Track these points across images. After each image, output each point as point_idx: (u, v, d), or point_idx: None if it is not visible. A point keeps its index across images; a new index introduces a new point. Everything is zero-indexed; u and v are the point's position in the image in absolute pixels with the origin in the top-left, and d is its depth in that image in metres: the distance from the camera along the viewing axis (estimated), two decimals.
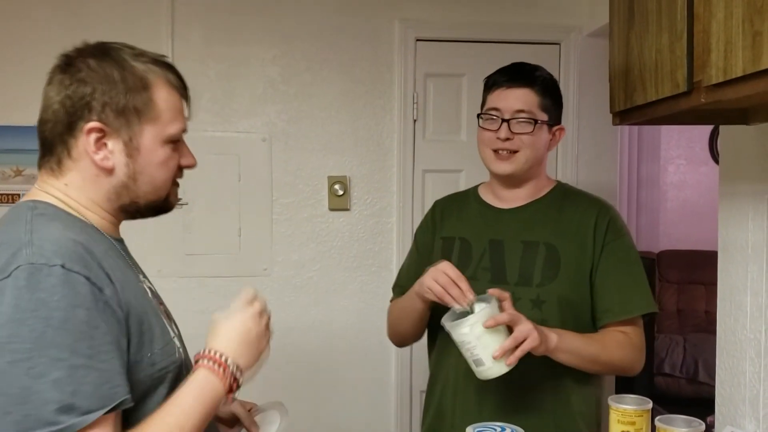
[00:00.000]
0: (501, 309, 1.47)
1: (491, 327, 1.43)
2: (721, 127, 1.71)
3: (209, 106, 2.63)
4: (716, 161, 5.52)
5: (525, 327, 1.44)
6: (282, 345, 2.68)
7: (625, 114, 1.48)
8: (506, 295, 1.49)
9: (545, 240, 1.69)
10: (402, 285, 1.87)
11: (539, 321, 1.63)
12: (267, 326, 1.20)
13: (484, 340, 1.44)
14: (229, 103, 2.64)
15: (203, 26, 2.62)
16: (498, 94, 1.68)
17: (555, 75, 2.66)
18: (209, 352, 1.10)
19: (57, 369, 0.92)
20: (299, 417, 2.64)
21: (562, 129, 1.74)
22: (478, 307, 1.47)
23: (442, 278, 1.52)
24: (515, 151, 1.65)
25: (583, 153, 2.77)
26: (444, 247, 1.80)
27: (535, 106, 1.66)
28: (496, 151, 1.67)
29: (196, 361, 1.11)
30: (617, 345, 1.64)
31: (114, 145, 1.09)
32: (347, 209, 2.71)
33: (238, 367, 1.11)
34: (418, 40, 2.69)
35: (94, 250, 1.03)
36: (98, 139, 1.08)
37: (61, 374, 0.92)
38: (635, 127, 5.53)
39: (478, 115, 1.72)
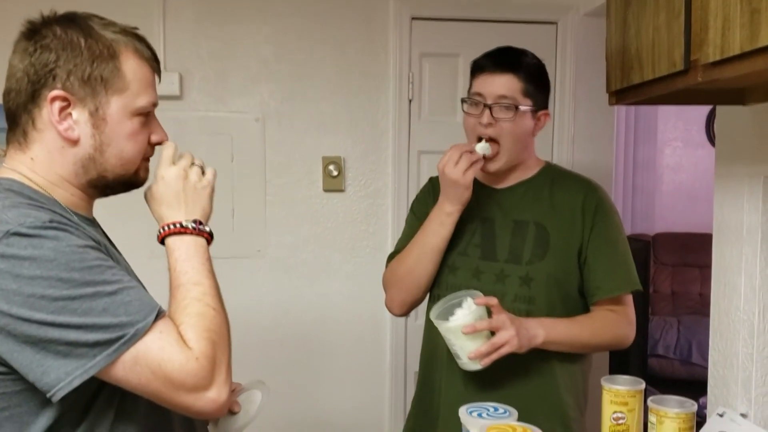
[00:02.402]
0: (489, 312, 1.53)
1: (469, 333, 1.50)
2: (718, 108, 1.70)
3: (201, 86, 2.61)
4: (713, 144, 5.51)
5: (506, 335, 1.50)
6: (276, 326, 2.70)
7: (622, 93, 1.47)
8: (494, 301, 1.53)
9: (535, 219, 1.71)
10: (399, 252, 1.87)
11: (527, 298, 1.66)
12: (203, 175, 1.20)
13: (463, 340, 1.52)
14: (221, 83, 2.62)
15: (195, 5, 2.59)
16: (482, 78, 1.69)
17: (551, 55, 2.70)
18: (164, 224, 1.14)
19: (99, 300, 0.97)
20: (293, 398, 2.67)
21: (547, 114, 1.75)
22: (465, 306, 1.54)
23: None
24: (497, 142, 1.67)
25: (580, 134, 2.75)
26: None
27: (518, 92, 1.67)
28: (480, 139, 1.68)
29: (161, 241, 1.14)
30: (607, 326, 1.69)
31: (79, 115, 1.07)
32: (342, 190, 2.69)
33: (197, 221, 1.15)
34: (413, 18, 2.66)
35: (66, 217, 1.05)
36: (62, 109, 1.06)
37: (106, 302, 0.97)
38: (632, 110, 5.51)
39: (463, 100, 1.74)
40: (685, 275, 5.28)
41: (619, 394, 1.30)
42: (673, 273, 5.32)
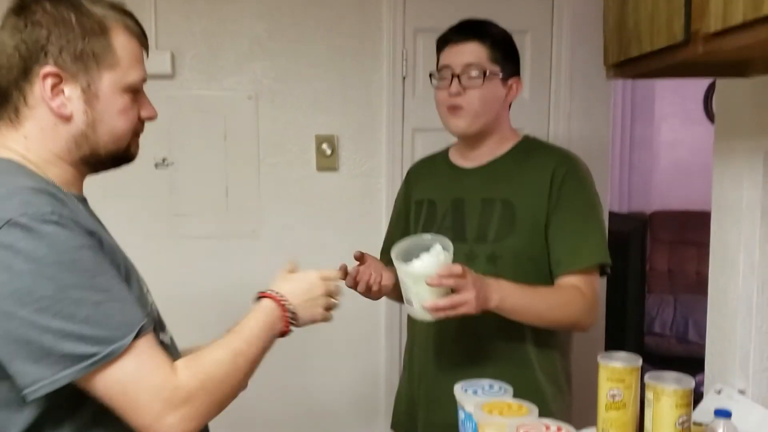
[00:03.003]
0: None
1: (432, 285, 1.44)
2: (718, 81, 1.67)
3: (194, 64, 2.57)
4: (711, 120, 5.48)
5: (466, 296, 1.45)
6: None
7: (620, 67, 1.44)
8: (458, 270, 1.45)
9: (502, 196, 1.69)
10: (383, 252, 1.92)
11: (493, 276, 1.64)
12: (327, 306, 1.32)
13: (421, 288, 1.45)
14: (214, 61, 2.58)
15: None
16: (448, 51, 1.69)
17: (548, 29, 2.67)
18: (274, 292, 1.23)
19: (83, 307, 0.96)
20: (289, 377, 2.66)
21: (518, 81, 1.74)
22: (433, 252, 1.47)
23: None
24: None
25: (576, 110, 2.72)
26: (416, 210, 1.84)
27: (484, 59, 1.66)
28: (449, 108, 1.67)
29: (258, 299, 1.22)
30: (565, 302, 1.62)
31: (71, 91, 1.07)
32: (335, 169, 2.66)
33: (294, 314, 1.23)
34: None
35: (66, 202, 1.03)
36: (54, 85, 1.06)
37: (88, 311, 0.96)
38: (628, 86, 5.47)
39: (431, 75, 1.73)
40: (682, 253, 5.27)
41: (615, 371, 1.28)
42: (670, 251, 5.32)
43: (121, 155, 1.15)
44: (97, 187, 1.23)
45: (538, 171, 1.68)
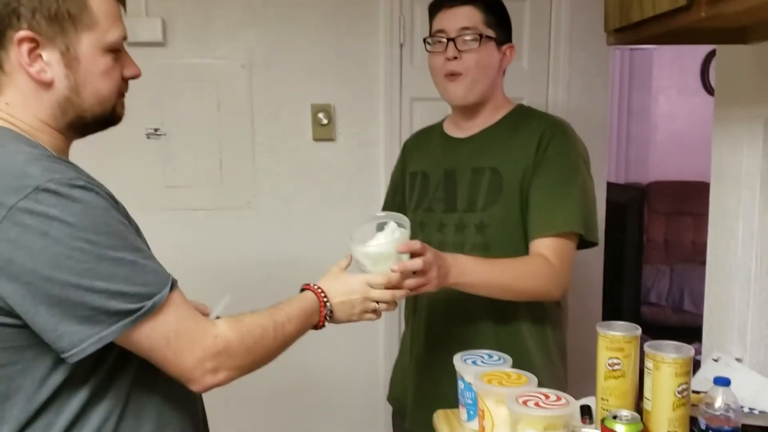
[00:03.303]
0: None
1: (398, 270, 1.38)
2: (718, 48, 1.65)
3: (185, 31, 2.52)
4: (708, 92, 5.46)
5: (429, 275, 1.41)
6: (268, 279, 2.67)
7: (620, 33, 1.41)
8: (416, 246, 1.39)
9: (491, 165, 1.67)
10: None
11: (482, 245, 1.63)
12: (366, 310, 1.37)
13: (381, 267, 1.39)
14: (206, 28, 2.53)
15: None
16: (442, 15, 1.67)
17: None
18: (317, 287, 1.32)
19: (122, 267, 0.98)
20: (286, 355, 2.65)
21: (512, 47, 1.72)
22: (388, 230, 1.42)
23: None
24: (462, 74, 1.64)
25: (575, 79, 2.69)
26: (410, 182, 1.83)
27: (479, 22, 1.64)
28: (446, 76, 1.65)
29: (303, 289, 1.32)
30: (529, 272, 1.58)
31: (50, 55, 1.04)
32: (332, 139, 2.63)
33: (331, 312, 1.31)
34: None
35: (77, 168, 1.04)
36: (31, 50, 1.03)
37: (127, 270, 0.99)
38: (626, 57, 5.44)
39: (425, 40, 1.71)
40: (678, 223, 5.28)
41: (614, 340, 1.28)
42: (666, 221, 5.33)
43: (108, 117, 1.13)
44: (88, 158, 1.21)
45: (526, 138, 1.66)
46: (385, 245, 1.39)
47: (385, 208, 1.93)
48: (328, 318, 1.31)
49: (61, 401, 1.03)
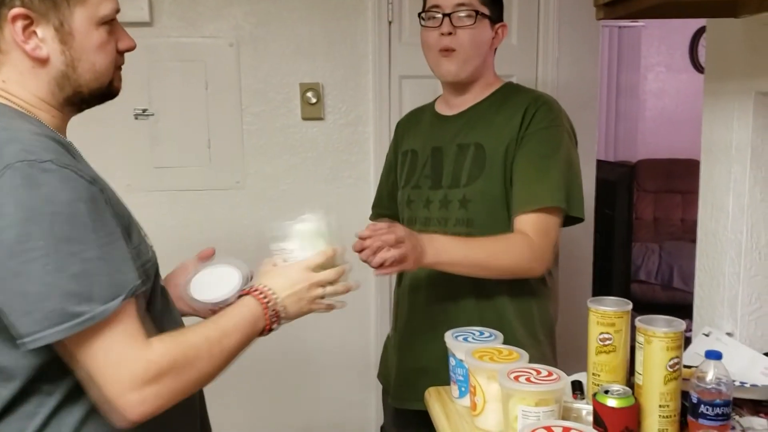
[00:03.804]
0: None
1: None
2: (708, 22, 1.64)
3: (172, 10, 2.49)
4: (696, 69, 5.46)
5: (395, 254, 1.43)
6: (258, 258, 2.64)
7: (610, 6, 1.40)
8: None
9: (476, 140, 1.67)
10: (376, 205, 1.98)
11: (465, 220, 1.64)
12: (317, 297, 1.25)
13: (309, 249, 1.30)
14: (193, 6, 2.50)
15: None
16: None
17: None
18: (262, 285, 1.18)
19: (73, 263, 0.92)
20: (278, 331, 2.65)
21: (504, 26, 1.72)
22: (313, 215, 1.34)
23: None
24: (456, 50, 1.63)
25: (564, 56, 2.67)
26: (401, 161, 1.83)
27: None
28: (441, 51, 1.64)
29: (246, 294, 1.18)
30: (509, 249, 1.58)
31: (44, 32, 1.03)
32: (321, 118, 2.61)
33: (283, 309, 1.19)
34: None
35: (68, 146, 1.01)
36: (26, 27, 1.02)
37: (78, 268, 0.92)
38: (615, 35, 5.43)
39: (419, 15, 1.69)
40: (667, 201, 5.30)
41: (606, 315, 1.28)
42: (655, 199, 5.35)
43: (105, 91, 1.12)
44: (76, 138, 1.19)
45: (511, 114, 1.65)
46: (316, 221, 1.34)
47: (379, 189, 1.96)
48: (275, 320, 1.18)
49: (38, 402, 1.00)
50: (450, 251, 1.53)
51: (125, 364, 0.96)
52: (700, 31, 5.35)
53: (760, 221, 1.50)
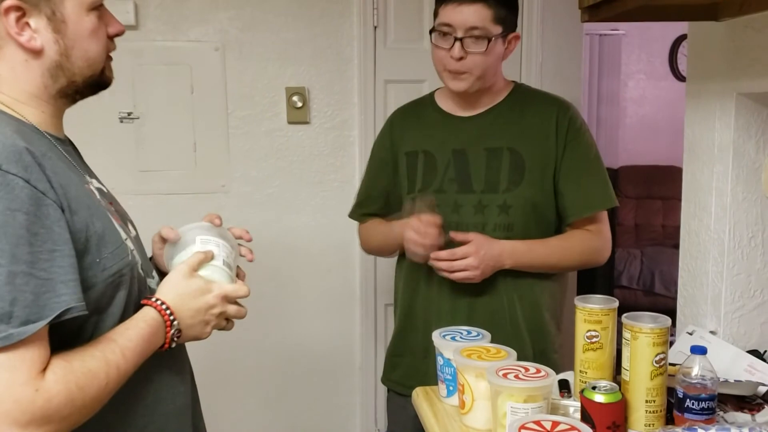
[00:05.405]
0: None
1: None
2: (690, 25, 1.66)
3: (157, 14, 2.48)
4: (676, 77, 5.53)
5: (462, 267, 1.61)
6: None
7: (594, 9, 1.42)
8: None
9: (509, 145, 1.69)
10: (362, 204, 1.91)
11: (505, 225, 1.66)
12: (216, 327, 1.18)
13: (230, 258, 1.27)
14: (178, 10, 2.49)
15: None
16: (451, 8, 1.62)
17: None
18: (160, 303, 1.09)
19: None
20: (265, 334, 2.64)
21: (517, 36, 1.72)
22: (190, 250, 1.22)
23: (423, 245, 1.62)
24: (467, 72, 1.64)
25: (548, 61, 2.70)
26: (409, 162, 1.79)
27: (488, 21, 1.61)
28: (450, 72, 1.65)
29: (143, 305, 1.09)
30: (578, 245, 1.73)
31: (37, 22, 1.02)
32: (307, 122, 2.61)
33: (179, 331, 1.11)
34: None
35: (34, 151, 0.96)
36: (19, 19, 1.01)
37: (0, 280, 0.87)
38: (596, 42, 5.49)
39: (431, 31, 1.67)
40: (648, 207, 5.36)
41: (593, 313, 1.30)
42: (636, 205, 5.40)
43: (98, 80, 1.11)
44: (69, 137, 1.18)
45: (540, 118, 1.70)
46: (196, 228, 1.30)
47: (367, 185, 1.91)
48: (175, 339, 1.10)
49: None
50: (525, 257, 1.67)
51: (19, 401, 0.88)
52: (680, 40, 5.43)
53: (742, 220, 1.52)
